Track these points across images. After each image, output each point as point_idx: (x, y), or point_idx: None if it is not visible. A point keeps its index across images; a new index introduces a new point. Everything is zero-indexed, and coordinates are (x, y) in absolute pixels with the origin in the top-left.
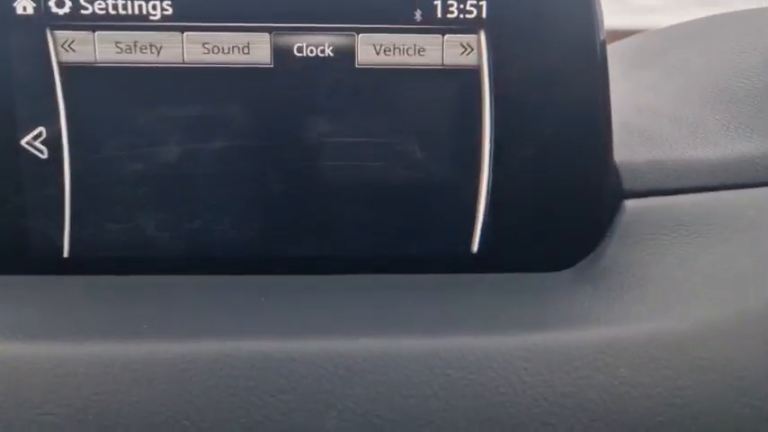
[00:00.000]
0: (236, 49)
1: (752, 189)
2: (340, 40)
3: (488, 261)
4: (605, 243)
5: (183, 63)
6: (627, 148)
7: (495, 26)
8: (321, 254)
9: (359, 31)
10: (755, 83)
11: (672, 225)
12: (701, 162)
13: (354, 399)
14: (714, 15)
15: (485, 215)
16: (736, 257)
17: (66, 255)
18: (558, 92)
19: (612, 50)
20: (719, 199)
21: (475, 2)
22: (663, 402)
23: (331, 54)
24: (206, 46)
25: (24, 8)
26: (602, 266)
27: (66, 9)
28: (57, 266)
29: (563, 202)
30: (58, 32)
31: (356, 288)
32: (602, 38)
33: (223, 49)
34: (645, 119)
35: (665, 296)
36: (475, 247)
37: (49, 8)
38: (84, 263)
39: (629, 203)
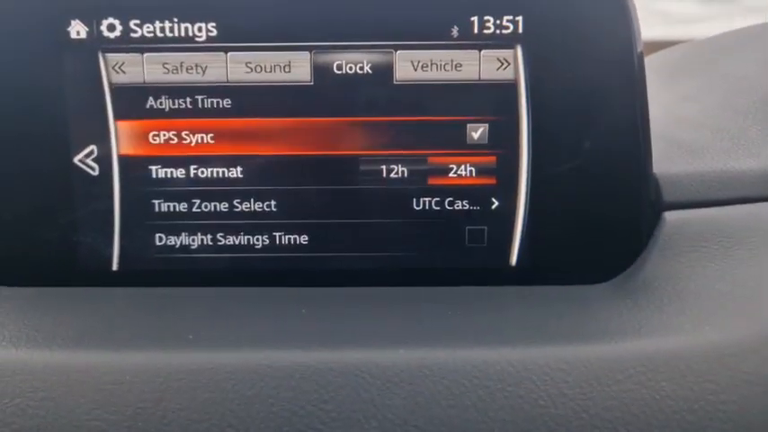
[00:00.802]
0: (277, 68)
1: None
2: (378, 57)
3: (527, 274)
4: (645, 255)
5: (227, 82)
6: (667, 160)
7: (531, 41)
8: (361, 267)
9: (397, 48)
10: None
11: (713, 237)
12: (743, 173)
13: (393, 409)
14: (755, 25)
15: (523, 228)
16: None
17: (115, 268)
18: (595, 105)
19: (651, 62)
20: (761, 211)
21: (511, 17)
22: (706, 416)
23: (369, 71)
24: (249, 65)
25: (78, 33)
26: (641, 279)
27: (117, 33)
28: (106, 279)
29: (602, 214)
30: (109, 55)
31: (395, 300)
32: (639, 50)
33: (265, 67)
34: (685, 130)
35: (706, 309)
36: (513, 260)
37: (101, 32)
38: (132, 276)
39: (669, 215)
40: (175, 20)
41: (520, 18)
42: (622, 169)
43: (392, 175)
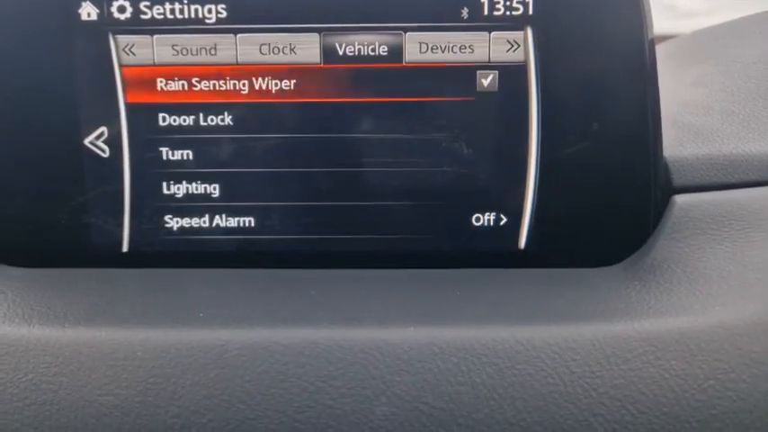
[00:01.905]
0: (286, 49)
1: None
2: (388, 38)
3: (536, 257)
4: (654, 238)
5: (237, 63)
6: (677, 144)
7: (541, 22)
8: (370, 249)
9: (406, 29)
10: None
11: (722, 220)
12: (752, 156)
13: (403, 386)
14: (765, 11)
15: (532, 211)
16: None
17: (125, 249)
18: (605, 87)
19: (660, 49)
20: None
21: None
22: (715, 395)
23: (379, 53)
24: (258, 47)
25: (88, 14)
26: (651, 261)
27: (127, 14)
28: (116, 260)
29: (611, 197)
30: (119, 37)
31: (404, 281)
32: (651, 33)
33: (274, 49)
34: (695, 114)
35: (715, 290)
36: (522, 243)
37: (112, 14)
38: (142, 257)
39: (679, 198)
40: (185, 1)
41: None
42: (632, 152)
43: (401, 158)
